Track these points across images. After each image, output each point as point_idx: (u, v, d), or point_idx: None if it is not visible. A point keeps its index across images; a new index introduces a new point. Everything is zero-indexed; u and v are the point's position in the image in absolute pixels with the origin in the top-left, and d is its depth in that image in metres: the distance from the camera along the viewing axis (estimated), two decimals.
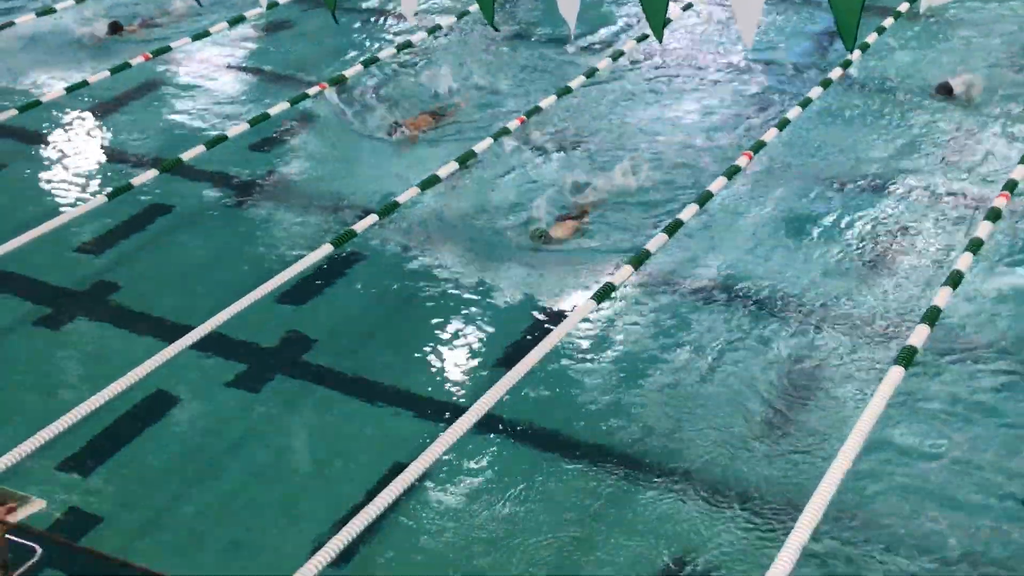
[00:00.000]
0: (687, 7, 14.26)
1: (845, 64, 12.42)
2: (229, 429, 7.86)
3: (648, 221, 10.03)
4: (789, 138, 11.26)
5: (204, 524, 7.09)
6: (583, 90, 12.28)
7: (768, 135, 11.10)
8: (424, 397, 8.10)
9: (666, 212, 10.05)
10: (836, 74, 12.24)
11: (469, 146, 10.97)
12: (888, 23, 13.15)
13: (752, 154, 10.75)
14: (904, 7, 13.54)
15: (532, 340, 8.26)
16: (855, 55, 12.26)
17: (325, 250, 9.22)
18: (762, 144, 10.93)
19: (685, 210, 9.81)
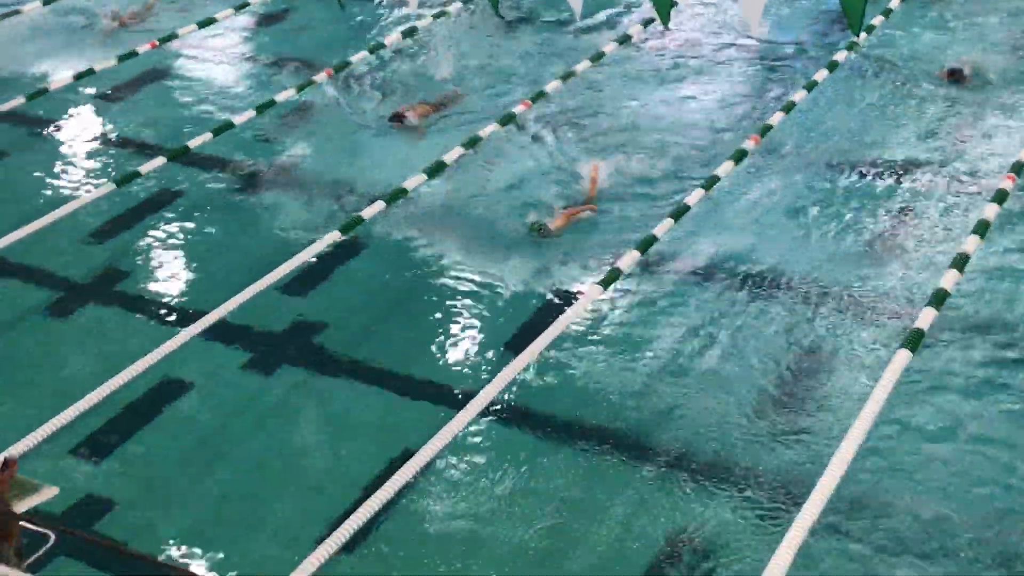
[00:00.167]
0: None
1: (851, 47, 12.42)
2: (239, 416, 7.93)
3: (655, 205, 10.06)
4: (795, 121, 11.27)
5: (215, 510, 7.16)
6: (588, 74, 12.28)
7: (774, 118, 11.10)
8: (432, 383, 8.16)
9: (673, 196, 10.08)
10: (842, 56, 12.25)
11: (474, 131, 11.00)
12: (895, 5, 13.15)
13: (759, 138, 10.76)
14: None
15: (539, 326, 8.31)
16: (861, 38, 12.26)
17: (333, 237, 9.27)
18: (769, 127, 10.93)
19: (692, 194, 9.83)
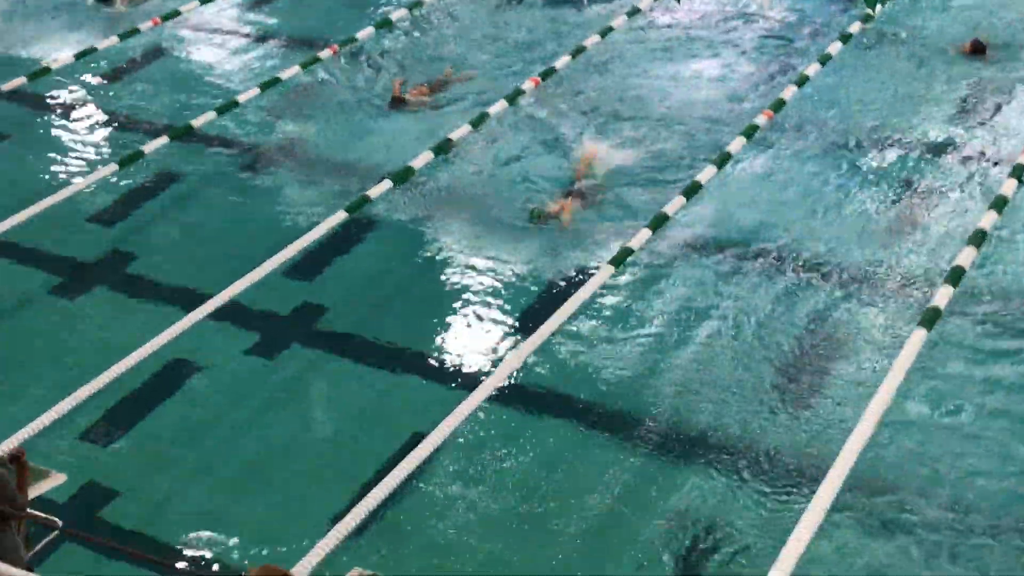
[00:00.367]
0: None
1: (866, 19, 12.34)
2: (247, 399, 7.93)
3: (665, 183, 10.03)
4: (809, 96, 11.22)
5: (223, 496, 7.17)
6: (597, 51, 12.22)
7: (787, 93, 11.05)
8: (441, 365, 8.16)
9: (684, 174, 10.04)
10: (856, 28, 12.17)
11: (483, 110, 10.97)
12: None
13: (772, 113, 10.71)
14: None
15: (550, 307, 8.29)
16: (877, 10, 12.18)
17: (339, 217, 9.25)
18: (782, 102, 10.88)
19: (703, 172, 9.80)
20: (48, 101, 11.73)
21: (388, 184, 9.73)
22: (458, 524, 6.90)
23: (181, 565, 6.61)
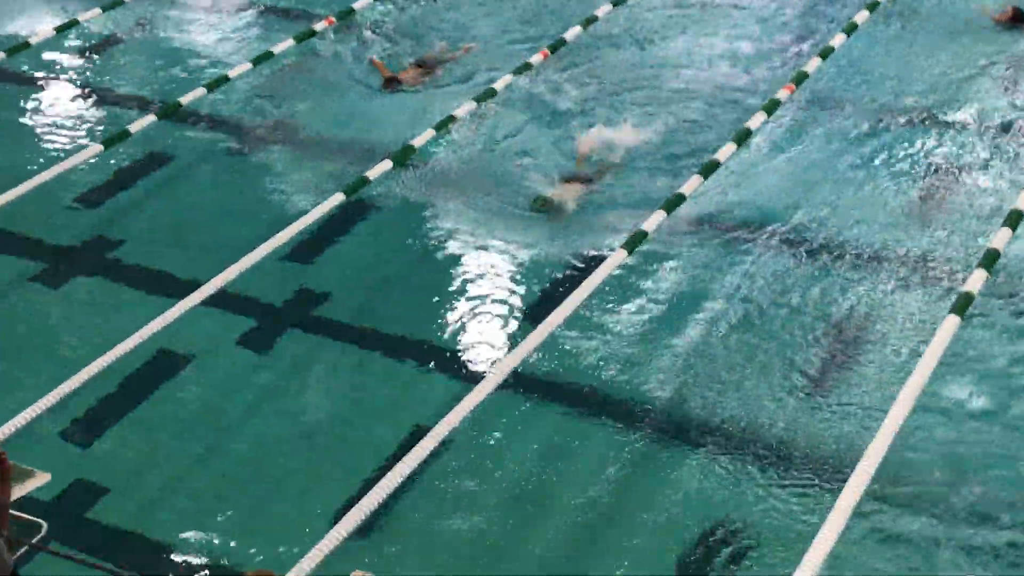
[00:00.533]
0: None
1: None
2: (240, 392, 7.96)
3: (682, 161, 10.03)
4: (834, 68, 11.21)
5: (216, 494, 7.19)
6: (607, 24, 12.19)
7: (810, 65, 11.04)
8: (446, 354, 8.17)
9: (701, 152, 10.04)
10: None
11: (489, 84, 10.96)
12: None
13: (794, 87, 10.70)
14: None
15: (560, 293, 8.31)
16: None
17: (337, 199, 9.26)
18: (805, 75, 10.87)
19: (722, 149, 9.78)
20: (28, 78, 11.73)
21: (388, 164, 9.74)
22: (464, 522, 6.92)
23: (173, 567, 6.64)
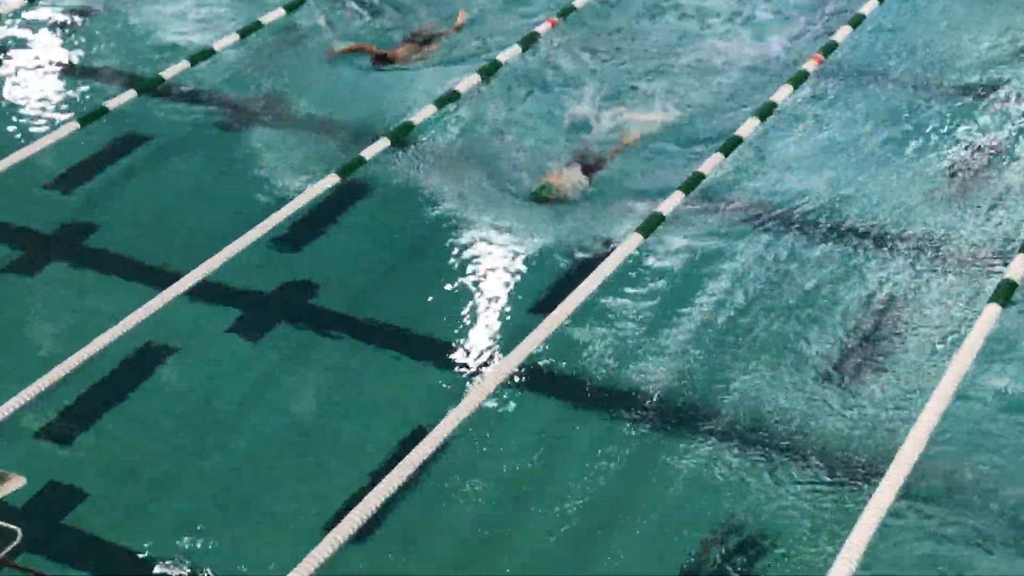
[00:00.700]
0: None
1: None
2: (228, 389, 7.93)
3: (701, 139, 10.02)
4: (865, 37, 11.17)
5: (203, 498, 7.16)
6: None
7: (840, 34, 11.00)
8: (449, 348, 8.15)
9: (722, 127, 10.01)
10: None
11: (492, 56, 10.96)
12: None
13: (822, 57, 10.67)
14: None
15: (569, 282, 8.28)
16: None
17: (330, 181, 9.24)
18: (834, 45, 10.85)
19: (744, 125, 9.77)
20: None
21: (385, 143, 9.71)
22: (470, 530, 6.90)
23: None
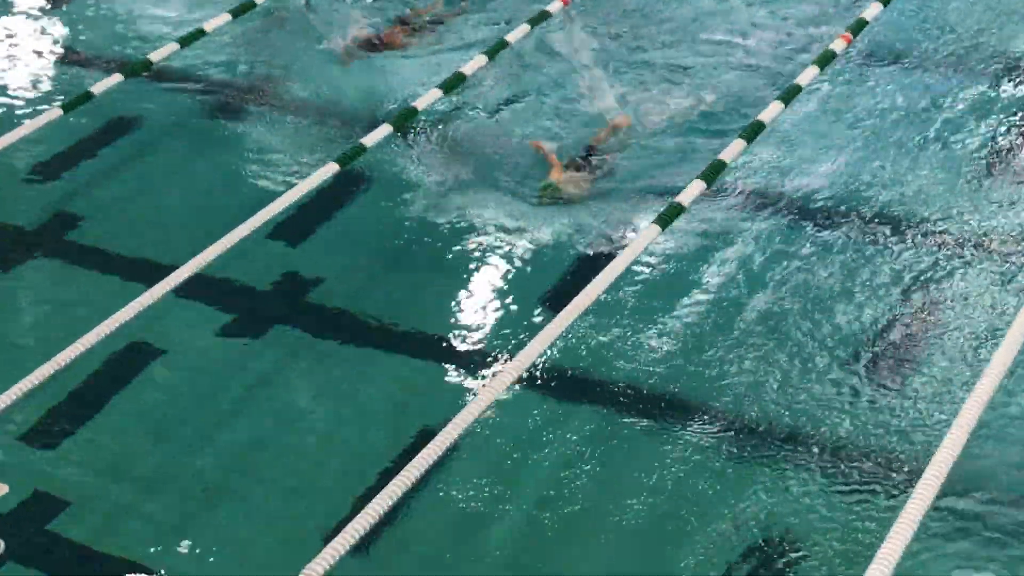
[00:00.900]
0: None
1: None
2: (221, 390, 7.96)
3: (720, 125, 10.05)
4: (897, 15, 11.15)
5: (194, 506, 7.19)
6: None
7: (870, 11, 10.99)
8: (454, 346, 8.18)
9: (743, 112, 10.04)
10: None
11: (500, 35, 10.95)
12: None
13: (851, 36, 10.65)
14: None
15: (581, 277, 8.24)
16: None
17: (329, 170, 9.25)
18: (863, 23, 10.82)
19: (768, 109, 9.75)
20: None
21: (387, 130, 9.72)
22: (478, 535, 6.92)
23: None
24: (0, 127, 10.17)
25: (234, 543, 6.96)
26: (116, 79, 10.49)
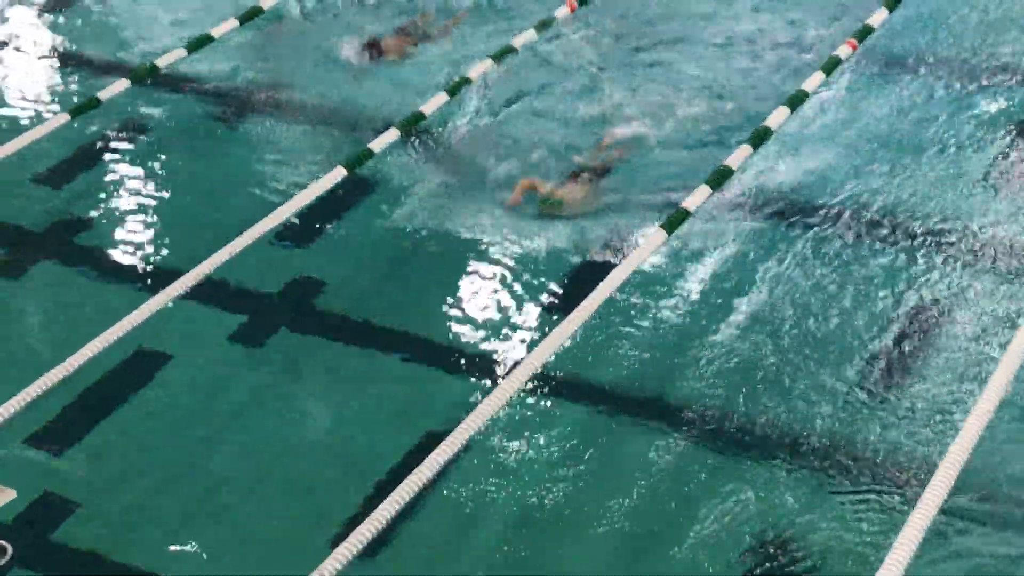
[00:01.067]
0: None
1: None
2: (228, 395, 7.96)
3: (726, 130, 10.04)
4: (903, 21, 11.16)
5: (202, 511, 7.19)
6: None
7: (875, 18, 10.99)
8: (461, 351, 8.17)
9: (749, 118, 10.02)
10: None
11: (506, 40, 10.98)
12: None
13: (856, 42, 10.66)
14: None
15: (587, 283, 8.29)
16: None
17: (337, 174, 9.26)
18: (869, 30, 10.84)
19: (774, 114, 9.78)
20: None
21: (394, 134, 9.73)
22: (486, 539, 6.91)
23: None
24: (9, 132, 10.23)
25: (242, 547, 6.95)
26: (123, 84, 10.52)
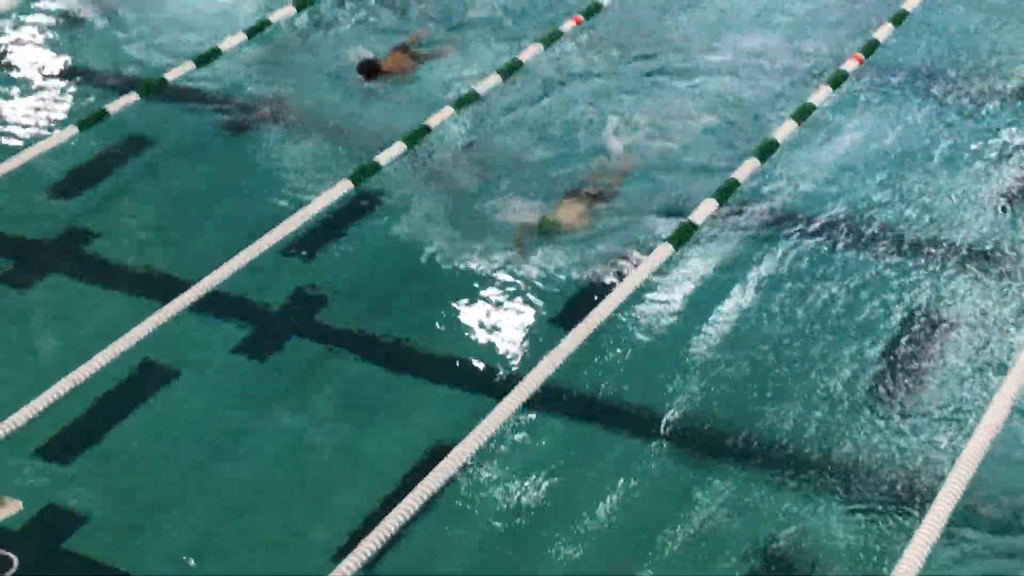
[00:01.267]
0: None
1: None
2: (235, 406, 7.96)
3: (732, 144, 10.02)
4: (909, 35, 11.15)
5: (206, 523, 7.20)
6: None
7: (882, 32, 10.99)
8: (467, 364, 8.18)
9: (755, 132, 10.01)
10: None
11: (513, 55, 10.99)
12: None
13: (863, 57, 10.65)
14: None
15: (592, 297, 8.27)
16: None
17: (343, 187, 9.26)
18: (875, 44, 10.83)
19: (781, 127, 9.76)
20: None
21: (401, 148, 9.73)
22: (491, 558, 6.90)
23: None
24: (17, 145, 10.24)
25: (247, 560, 6.95)
26: (132, 98, 10.53)
